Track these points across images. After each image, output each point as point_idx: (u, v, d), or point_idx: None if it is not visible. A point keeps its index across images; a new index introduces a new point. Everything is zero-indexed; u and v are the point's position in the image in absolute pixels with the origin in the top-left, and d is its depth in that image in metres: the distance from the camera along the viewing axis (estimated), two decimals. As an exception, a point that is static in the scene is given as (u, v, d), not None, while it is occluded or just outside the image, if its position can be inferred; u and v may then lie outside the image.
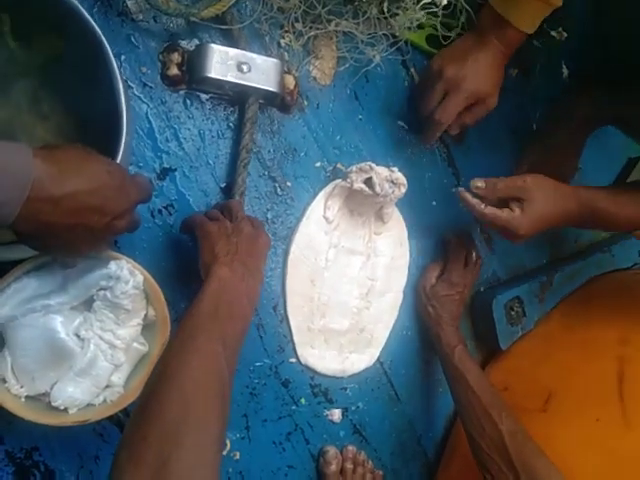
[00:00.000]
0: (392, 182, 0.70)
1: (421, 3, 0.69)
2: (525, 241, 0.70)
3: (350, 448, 0.76)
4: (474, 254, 0.82)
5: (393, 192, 0.70)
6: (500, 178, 0.69)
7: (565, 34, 0.83)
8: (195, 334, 0.48)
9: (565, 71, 0.88)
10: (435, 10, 0.69)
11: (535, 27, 0.67)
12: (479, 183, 0.68)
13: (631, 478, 0.65)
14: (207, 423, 0.42)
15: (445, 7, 0.70)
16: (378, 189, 0.69)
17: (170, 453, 0.38)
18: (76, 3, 0.50)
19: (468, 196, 0.69)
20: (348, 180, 0.70)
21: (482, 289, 0.87)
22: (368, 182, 0.69)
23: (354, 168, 0.69)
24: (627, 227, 0.72)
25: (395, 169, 0.71)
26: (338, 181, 0.73)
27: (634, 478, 0.65)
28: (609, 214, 0.69)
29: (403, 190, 0.72)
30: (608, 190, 0.71)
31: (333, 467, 0.73)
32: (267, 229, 0.70)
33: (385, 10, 0.70)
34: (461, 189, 0.70)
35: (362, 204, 0.74)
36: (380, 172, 0.69)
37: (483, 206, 0.68)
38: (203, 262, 0.57)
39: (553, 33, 0.82)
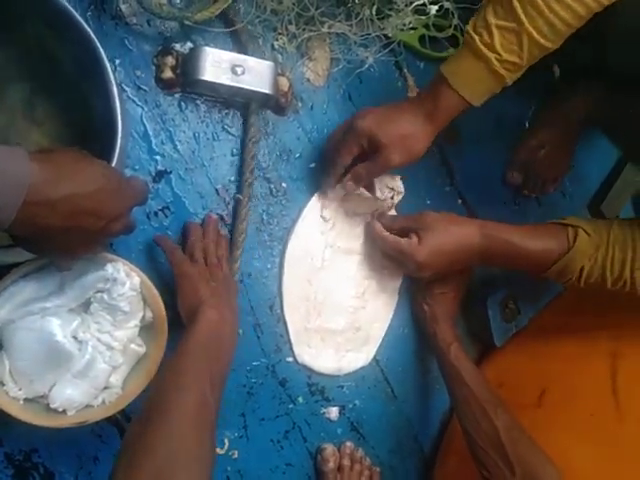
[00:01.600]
0: (392, 189, 0.71)
1: (412, 5, 0.70)
2: (429, 274, 0.70)
3: (348, 445, 0.77)
4: (469, 252, 0.83)
5: (392, 198, 0.71)
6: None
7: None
8: (184, 373, 0.50)
9: (556, 71, 0.89)
10: (427, 12, 0.70)
11: (479, 99, 0.62)
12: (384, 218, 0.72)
13: (626, 471, 0.65)
14: (198, 459, 0.44)
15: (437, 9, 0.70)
16: (378, 194, 0.70)
17: None
18: (69, 7, 0.50)
19: (377, 225, 0.72)
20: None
21: (477, 287, 0.87)
22: (369, 186, 0.70)
23: None
24: (531, 262, 0.68)
25: (397, 177, 0.72)
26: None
27: (629, 471, 0.65)
28: (513, 246, 0.68)
29: (400, 197, 0.73)
30: (515, 225, 0.70)
31: (331, 464, 0.74)
32: (263, 230, 0.71)
33: (377, 12, 0.71)
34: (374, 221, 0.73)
35: (359, 205, 0.74)
36: (382, 178, 0.70)
37: (387, 233, 0.70)
38: (187, 304, 0.58)
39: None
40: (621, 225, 0.67)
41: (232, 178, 0.69)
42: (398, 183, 0.72)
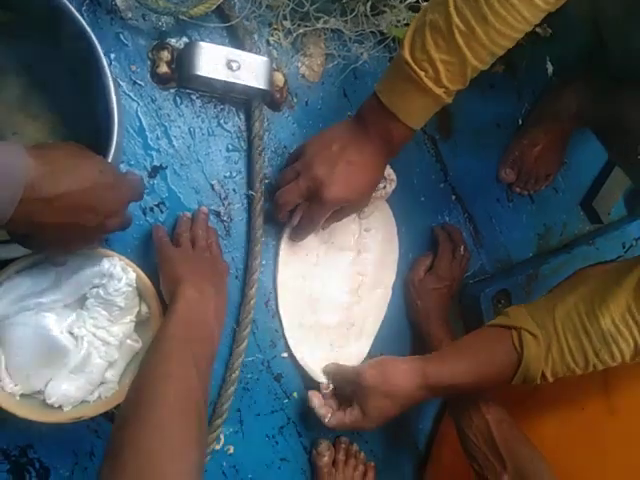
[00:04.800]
0: (384, 178, 0.71)
1: (407, 2, 0.70)
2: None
3: (343, 439, 0.77)
4: (462, 248, 0.84)
5: (384, 187, 0.72)
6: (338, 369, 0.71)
7: (550, 31, 0.84)
8: (166, 359, 0.48)
9: (550, 68, 0.90)
10: (420, 9, 0.70)
11: (422, 124, 0.60)
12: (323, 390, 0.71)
13: (615, 465, 0.67)
14: (184, 450, 0.42)
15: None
16: None
17: None
18: (65, 2, 0.50)
19: (318, 407, 0.69)
20: None
21: (470, 282, 0.88)
22: None
23: None
24: (486, 386, 0.65)
25: (387, 166, 0.72)
26: None
27: (617, 465, 0.66)
28: (460, 385, 0.63)
29: (393, 186, 0.73)
30: (454, 349, 0.67)
31: (326, 459, 0.74)
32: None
33: (372, 8, 0.71)
34: (310, 394, 0.70)
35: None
36: None
37: (327, 419, 0.68)
38: (166, 284, 0.57)
39: (538, 30, 0.83)
40: (564, 305, 0.61)
41: (227, 174, 0.69)
42: (390, 172, 0.72)
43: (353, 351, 0.78)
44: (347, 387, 0.69)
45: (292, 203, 0.65)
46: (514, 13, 0.51)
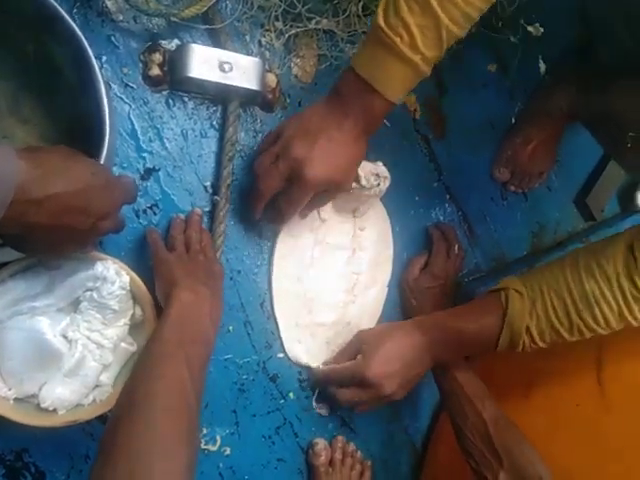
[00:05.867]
0: (377, 175, 0.71)
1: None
2: (394, 389, 0.67)
3: (339, 438, 0.77)
4: (456, 247, 0.84)
5: (378, 185, 0.72)
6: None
7: (541, 29, 0.85)
8: (160, 361, 0.48)
9: (542, 67, 0.90)
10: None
11: (401, 96, 0.58)
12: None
13: (610, 461, 0.67)
14: (175, 452, 0.42)
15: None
16: (364, 182, 0.70)
17: None
18: (55, 4, 0.50)
19: (321, 370, 0.73)
20: None
21: (465, 281, 0.89)
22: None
23: None
24: (478, 341, 0.67)
25: (379, 163, 0.72)
26: None
27: (613, 461, 0.67)
28: (455, 332, 0.67)
29: (387, 183, 0.73)
30: (450, 311, 0.71)
31: (322, 458, 0.74)
32: (252, 227, 0.71)
33: (363, 8, 0.71)
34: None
35: (347, 200, 0.74)
36: (365, 166, 0.70)
37: (332, 366, 0.73)
38: (161, 287, 0.58)
39: (530, 28, 0.83)
40: (551, 269, 0.65)
41: (221, 175, 0.69)
42: (382, 169, 0.72)
43: (349, 350, 0.79)
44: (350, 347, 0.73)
45: (274, 187, 0.62)
46: None
